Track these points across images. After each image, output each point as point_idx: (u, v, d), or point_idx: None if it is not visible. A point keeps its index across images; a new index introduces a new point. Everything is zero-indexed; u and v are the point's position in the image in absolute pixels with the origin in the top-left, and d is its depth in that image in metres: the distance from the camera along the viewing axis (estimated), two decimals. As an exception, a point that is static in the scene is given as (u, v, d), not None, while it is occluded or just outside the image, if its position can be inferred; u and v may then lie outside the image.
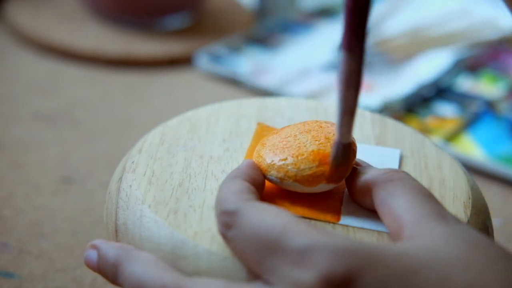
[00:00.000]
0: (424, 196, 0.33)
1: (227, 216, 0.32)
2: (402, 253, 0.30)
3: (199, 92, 0.72)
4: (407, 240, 0.32)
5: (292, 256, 0.30)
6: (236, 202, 0.32)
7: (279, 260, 0.30)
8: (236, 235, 0.32)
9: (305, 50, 0.79)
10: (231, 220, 0.32)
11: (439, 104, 0.71)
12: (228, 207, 0.32)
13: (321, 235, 0.30)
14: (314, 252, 0.29)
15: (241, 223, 0.31)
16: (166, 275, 0.32)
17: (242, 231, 0.31)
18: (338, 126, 0.34)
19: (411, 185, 0.34)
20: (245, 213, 0.31)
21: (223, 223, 0.32)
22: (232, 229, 0.32)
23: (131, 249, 0.34)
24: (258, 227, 0.31)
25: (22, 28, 0.77)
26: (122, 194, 0.37)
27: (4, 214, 0.52)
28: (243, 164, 0.36)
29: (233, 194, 0.33)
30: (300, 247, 0.30)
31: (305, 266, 0.29)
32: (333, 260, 0.29)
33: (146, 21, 0.79)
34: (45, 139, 0.62)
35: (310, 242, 0.29)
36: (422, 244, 0.31)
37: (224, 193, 0.33)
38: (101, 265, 0.34)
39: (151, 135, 0.41)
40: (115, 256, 0.34)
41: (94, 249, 0.35)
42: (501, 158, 0.63)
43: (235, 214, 0.32)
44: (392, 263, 0.29)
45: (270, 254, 0.30)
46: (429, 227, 0.32)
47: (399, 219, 0.33)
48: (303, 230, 0.30)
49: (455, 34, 0.82)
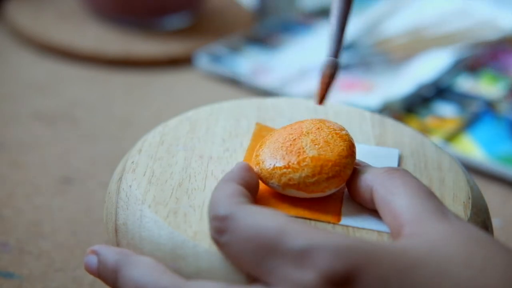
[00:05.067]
0: (424, 193, 0.33)
1: (219, 221, 0.32)
2: (402, 250, 0.30)
3: (199, 92, 0.72)
4: (407, 237, 0.32)
5: (292, 257, 0.30)
6: (228, 206, 0.32)
7: (278, 261, 0.30)
8: (230, 239, 0.31)
9: (305, 50, 0.79)
10: (223, 225, 0.31)
11: (439, 104, 0.71)
12: (220, 212, 0.32)
13: (320, 235, 0.30)
14: (313, 252, 0.29)
15: (234, 227, 0.31)
16: (165, 278, 0.32)
17: (236, 235, 0.31)
18: (330, 41, 0.35)
19: (410, 182, 0.34)
20: (238, 217, 0.31)
21: (215, 229, 0.32)
22: (225, 234, 0.31)
23: (130, 254, 0.34)
24: (253, 229, 0.31)
25: (22, 28, 0.77)
26: (122, 194, 0.37)
27: (4, 214, 0.52)
28: (236, 167, 0.35)
29: (225, 198, 0.32)
30: (299, 248, 0.29)
31: (305, 266, 0.29)
32: (333, 259, 0.29)
33: (146, 21, 0.79)
34: (45, 139, 0.62)
35: (309, 242, 0.29)
36: (422, 241, 0.31)
37: (216, 197, 0.33)
38: (101, 271, 0.34)
39: (151, 135, 0.41)
40: (114, 261, 0.34)
41: (94, 255, 0.35)
42: (501, 158, 0.63)
43: (228, 218, 0.31)
44: (392, 259, 0.29)
45: (268, 256, 0.30)
46: (429, 224, 0.32)
47: (399, 217, 0.33)
48: (301, 230, 0.30)
49: (455, 34, 0.82)
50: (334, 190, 0.36)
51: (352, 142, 0.37)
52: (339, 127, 0.37)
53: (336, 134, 0.37)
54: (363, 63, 0.76)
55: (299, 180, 0.35)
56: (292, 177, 0.35)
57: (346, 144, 0.36)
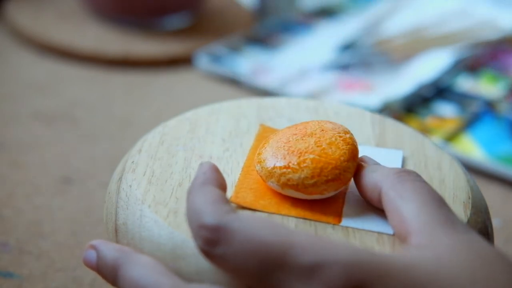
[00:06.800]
0: (434, 200, 0.33)
1: (208, 231, 0.30)
2: (410, 266, 0.30)
3: (199, 92, 0.72)
4: (414, 248, 0.31)
5: (300, 272, 0.29)
6: (217, 215, 0.31)
7: (286, 276, 0.29)
8: (226, 252, 0.30)
9: (305, 50, 0.79)
10: (215, 236, 0.30)
11: (439, 104, 0.71)
12: (208, 221, 0.30)
13: (328, 249, 0.29)
14: (322, 267, 0.29)
15: (230, 239, 0.30)
16: (165, 281, 0.32)
17: (234, 248, 0.30)
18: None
19: (422, 189, 0.34)
20: (233, 228, 0.30)
21: (205, 239, 0.31)
22: (219, 246, 0.30)
23: (130, 252, 0.34)
24: (255, 243, 0.30)
25: (22, 28, 0.77)
26: (122, 194, 0.37)
27: (4, 214, 0.52)
28: (207, 167, 0.34)
29: (209, 205, 0.31)
30: (308, 263, 0.29)
31: (314, 282, 0.29)
32: (342, 276, 0.29)
33: (146, 21, 0.79)
34: (45, 139, 0.62)
35: (318, 257, 0.29)
36: (429, 256, 0.31)
37: (197, 204, 0.31)
38: (100, 266, 0.34)
39: (151, 135, 0.41)
40: (114, 258, 0.34)
41: (93, 250, 0.35)
42: (501, 158, 0.63)
43: (220, 229, 0.30)
44: (400, 276, 0.29)
45: (274, 270, 0.30)
46: (437, 236, 0.31)
47: (407, 224, 0.32)
48: (308, 244, 0.30)
49: (455, 34, 0.82)
50: (333, 192, 0.36)
51: (355, 146, 0.37)
52: (344, 130, 0.37)
53: (340, 137, 0.37)
54: (363, 63, 0.76)
55: (298, 181, 0.35)
56: (291, 178, 0.35)
57: (349, 148, 0.36)
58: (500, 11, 0.88)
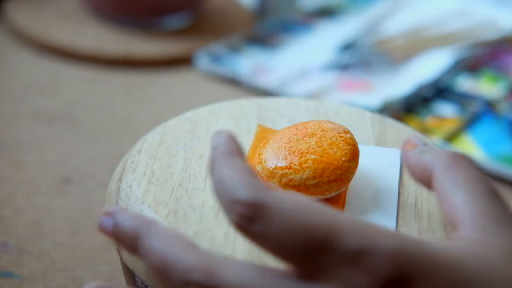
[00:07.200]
0: (488, 192, 0.32)
1: (244, 207, 0.28)
2: (460, 263, 0.29)
3: (199, 92, 0.72)
4: (465, 243, 0.31)
5: (345, 258, 0.28)
6: (254, 191, 0.29)
7: (330, 260, 0.28)
8: (267, 230, 0.28)
9: (305, 50, 0.79)
10: (252, 213, 0.28)
11: (439, 104, 0.71)
12: (243, 196, 0.29)
13: (376, 235, 0.28)
14: (369, 254, 0.28)
15: (272, 218, 0.28)
16: (193, 255, 0.29)
17: (276, 227, 0.28)
18: None
19: (476, 177, 0.32)
20: (274, 207, 0.28)
21: (241, 215, 0.29)
22: (258, 223, 0.28)
23: (150, 221, 0.31)
24: (300, 224, 0.28)
25: (22, 28, 0.77)
26: (122, 194, 0.37)
27: (4, 214, 0.52)
28: (226, 137, 0.31)
29: (242, 178, 0.29)
30: (353, 249, 0.28)
31: (359, 268, 0.28)
32: (388, 265, 0.28)
33: (146, 21, 0.79)
34: (45, 139, 0.62)
35: (364, 244, 0.28)
36: (479, 255, 0.30)
37: (227, 176, 0.29)
38: (117, 233, 0.31)
39: (151, 135, 0.41)
40: (133, 227, 0.31)
41: (109, 217, 0.32)
42: (501, 158, 0.63)
43: (258, 206, 0.28)
44: (448, 272, 0.29)
45: (318, 252, 0.28)
46: (489, 232, 0.31)
47: (458, 213, 0.31)
48: (355, 229, 0.28)
49: (455, 34, 0.82)
50: (334, 193, 0.36)
51: (356, 146, 0.37)
52: (344, 130, 0.37)
53: (341, 137, 0.37)
54: (363, 63, 0.76)
55: (300, 182, 0.35)
56: (293, 178, 0.35)
57: (350, 148, 0.36)
58: (500, 11, 0.88)
